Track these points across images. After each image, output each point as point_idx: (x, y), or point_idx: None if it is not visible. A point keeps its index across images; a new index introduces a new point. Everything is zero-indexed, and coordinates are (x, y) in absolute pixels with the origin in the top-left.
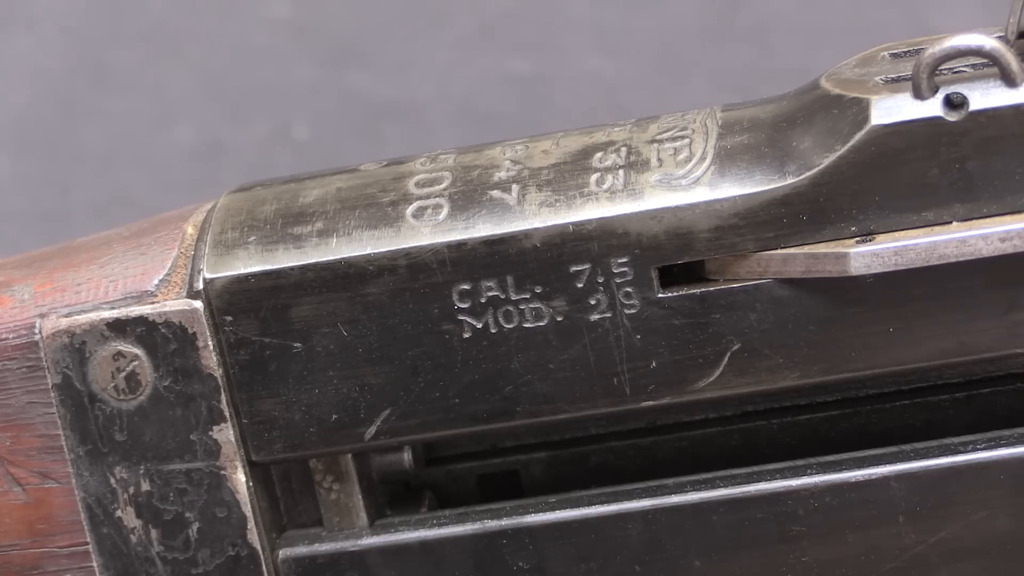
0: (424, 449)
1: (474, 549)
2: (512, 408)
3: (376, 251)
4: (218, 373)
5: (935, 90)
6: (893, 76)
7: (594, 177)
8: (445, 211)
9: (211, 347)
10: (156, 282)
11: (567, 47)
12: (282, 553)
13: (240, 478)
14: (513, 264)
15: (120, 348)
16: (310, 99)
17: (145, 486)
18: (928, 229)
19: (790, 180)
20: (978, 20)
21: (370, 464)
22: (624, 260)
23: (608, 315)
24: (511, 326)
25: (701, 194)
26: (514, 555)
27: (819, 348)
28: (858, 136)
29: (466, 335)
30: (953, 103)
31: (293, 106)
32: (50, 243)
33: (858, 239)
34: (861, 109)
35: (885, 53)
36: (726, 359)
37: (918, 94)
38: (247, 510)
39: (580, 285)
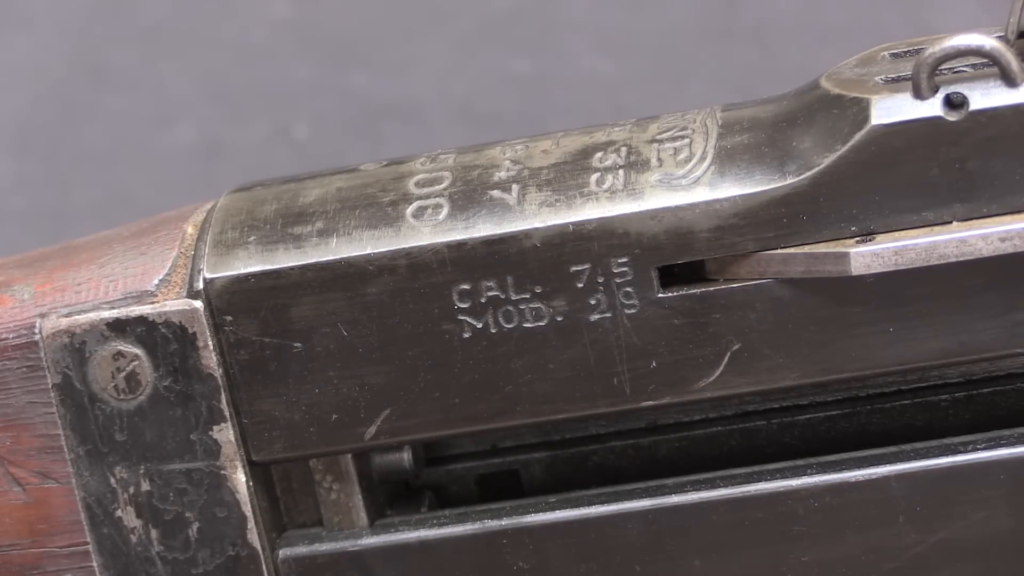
0: (424, 449)
1: (474, 549)
2: (512, 408)
3: (376, 251)
4: (218, 373)
5: (935, 90)
6: (893, 76)
7: (594, 177)
8: (445, 211)
9: (211, 347)
10: (156, 282)
11: (567, 47)
12: (282, 553)
13: (240, 478)
14: (513, 264)
15: (120, 348)
16: (310, 99)
17: (145, 486)
18: (928, 229)
19: (790, 180)
20: (978, 20)
21: (370, 464)
22: (624, 260)
23: (608, 315)
24: (511, 326)
25: (701, 194)
26: (514, 555)
27: (819, 348)
28: (858, 136)
29: (466, 335)
30: (953, 103)
31: (293, 106)
32: (50, 243)
33: (858, 239)
34: (861, 109)
35: (885, 53)
36: (726, 359)
37: (918, 94)
38: (247, 510)
39: (580, 285)
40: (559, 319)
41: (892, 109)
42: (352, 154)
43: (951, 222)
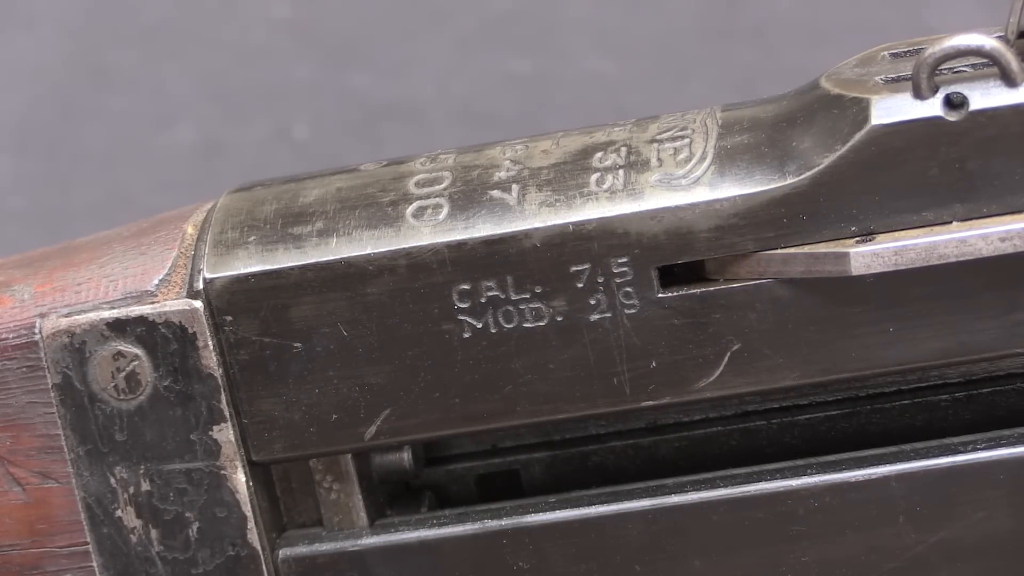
0: (424, 449)
1: (474, 549)
2: (512, 408)
3: (376, 251)
4: (218, 373)
5: (935, 90)
6: (893, 76)
7: (594, 177)
8: (445, 211)
9: (211, 347)
10: (156, 282)
11: (567, 47)
12: (282, 553)
13: (240, 478)
14: (513, 264)
15: (120, 348)
16: (310, 99)
17: (145, 486)
18: (928, 229)
19: (790, 180)
20: (978, 20)
21: (370, 464)
22: (624, 260)
23: (608, 315)
24: (511, 326)
25: (701, 194)
26: (514, 555)
27: (819, 348)
28: (858, 136)
29: (466, 335)
30: (953, 103)
31: (293, 106)
32: (50, 243)
33: (858, 239)
34: (861, 109)
35: (885, 53)
36: (726, 359)
37: (918, 94)
38: (247, 510)
39: (580, 285)
40: (559, 319)
41: (892, 109)
42: (352, 154)
43: (951, 222)
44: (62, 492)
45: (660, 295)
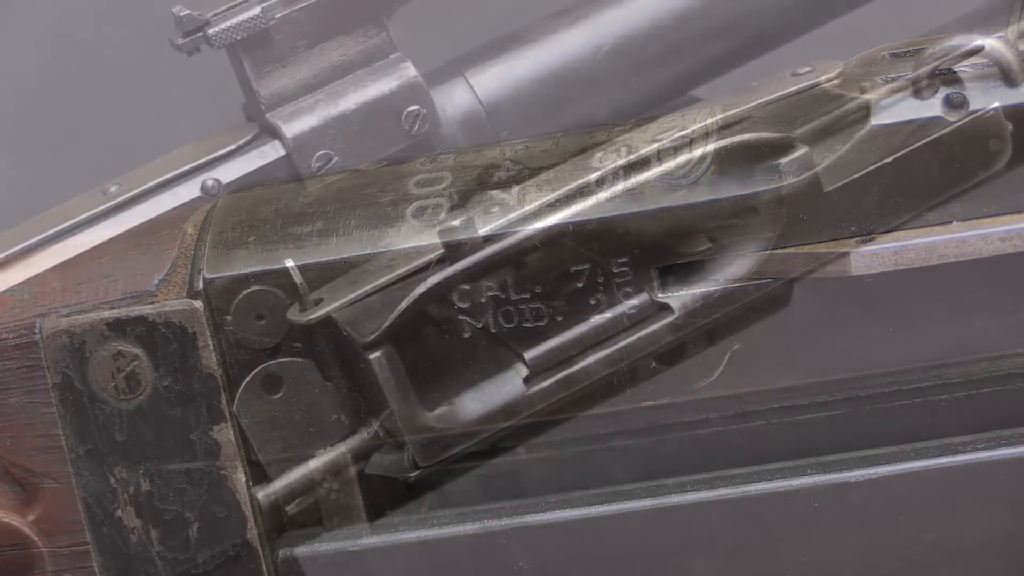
0: (424, 449)
1: (474, 549)
2: (512, 407)
3: (376, 251)
4: (218, 373)
5: (935, 90)
6: (893, 76)
7: (594, 177)
8: (445, 211)
9: (211, 347)
10: (156, 282)
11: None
12: (282, 553)
13: (240, 478)
14: (513, 264)
15: (120, 348)
16: None
17: (145, 486)
18: (928, 229)
19: (790, 180)
20: (978, 20)
21: (370, 464)
22: (624, 260)
23: (608, 315)
24: (511, 326)
25: (701, 194)
26: (514, 555)
27: (819, 348)
28: (858, 136)
29: (466, 335)
30: (953, 103)
31: None
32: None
33: (858, 239)
34: (861, 109)
35: (885, 53)
36: (726, 359)
37: (918, 94)
38: (247, 510)
39: (580, 285)
40: (559, 319)
41: (892, 109)
42: None
43: (951, 222)
44: (62, 492)
45: (660, 295)
